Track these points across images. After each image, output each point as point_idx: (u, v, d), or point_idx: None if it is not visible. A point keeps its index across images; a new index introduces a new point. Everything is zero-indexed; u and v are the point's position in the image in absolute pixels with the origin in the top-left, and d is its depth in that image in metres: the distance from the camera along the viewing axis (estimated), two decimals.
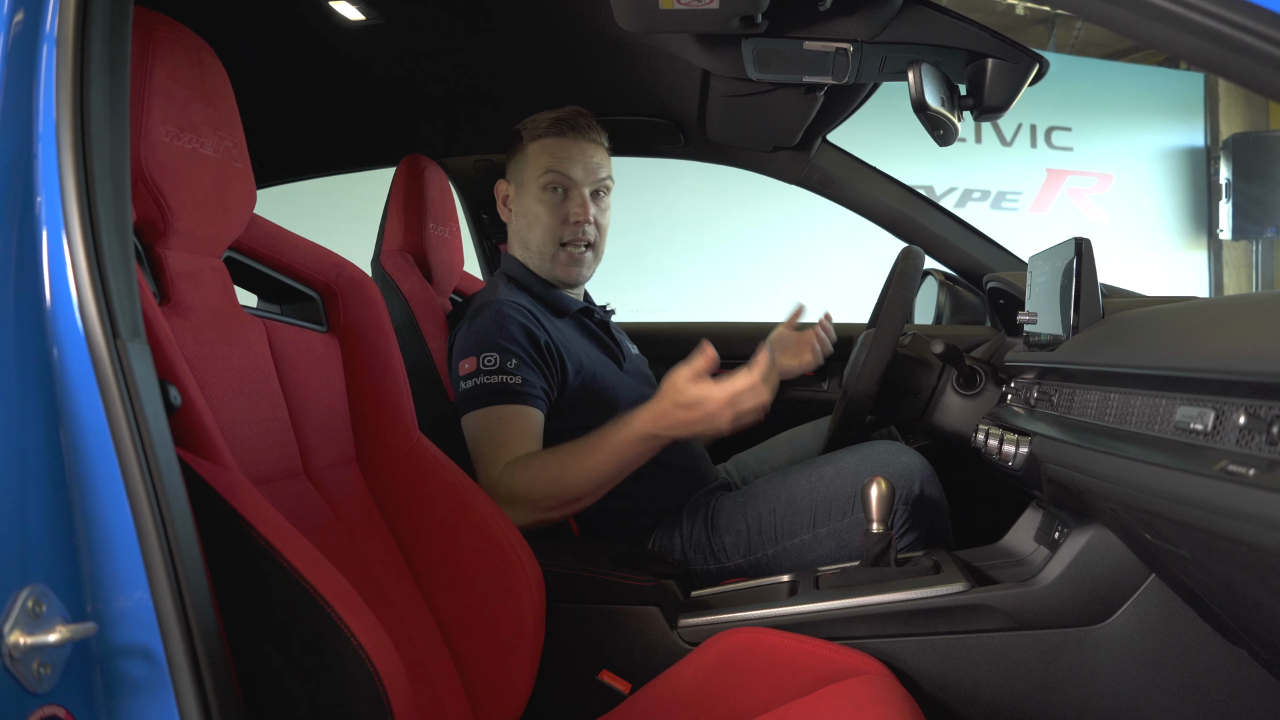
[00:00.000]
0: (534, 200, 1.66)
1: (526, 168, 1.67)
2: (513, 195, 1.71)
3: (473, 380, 1.48)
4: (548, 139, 1.66)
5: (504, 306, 1.55)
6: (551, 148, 1.65)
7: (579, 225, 1.66)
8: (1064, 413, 1.14)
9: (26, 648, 0.62)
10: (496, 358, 1.48)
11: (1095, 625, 1.17)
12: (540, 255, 1.67)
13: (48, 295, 0.70)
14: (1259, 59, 0.63)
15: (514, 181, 1.70)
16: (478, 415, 1.47)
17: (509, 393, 1.47)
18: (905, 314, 1.54)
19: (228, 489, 0.80)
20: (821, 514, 1.47)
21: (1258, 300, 0.84)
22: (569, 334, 1.63)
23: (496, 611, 1.17)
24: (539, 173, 1.65)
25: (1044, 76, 1.39)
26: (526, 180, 1.67)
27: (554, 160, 1.65)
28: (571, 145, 1.66)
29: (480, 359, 1.49)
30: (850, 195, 2.13)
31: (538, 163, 1.65)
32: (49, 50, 0.73)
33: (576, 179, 1.65)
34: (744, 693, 1.16)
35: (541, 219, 1.65)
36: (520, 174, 1.68)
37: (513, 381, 1.48)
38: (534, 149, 1.66)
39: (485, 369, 1.48)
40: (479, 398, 1.47)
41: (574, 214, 1.65)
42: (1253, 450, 0.69)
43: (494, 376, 1.47)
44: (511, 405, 1.47)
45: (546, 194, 1.65)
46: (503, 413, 1.46)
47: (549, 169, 1.64)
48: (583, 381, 1.57)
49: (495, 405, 1.46)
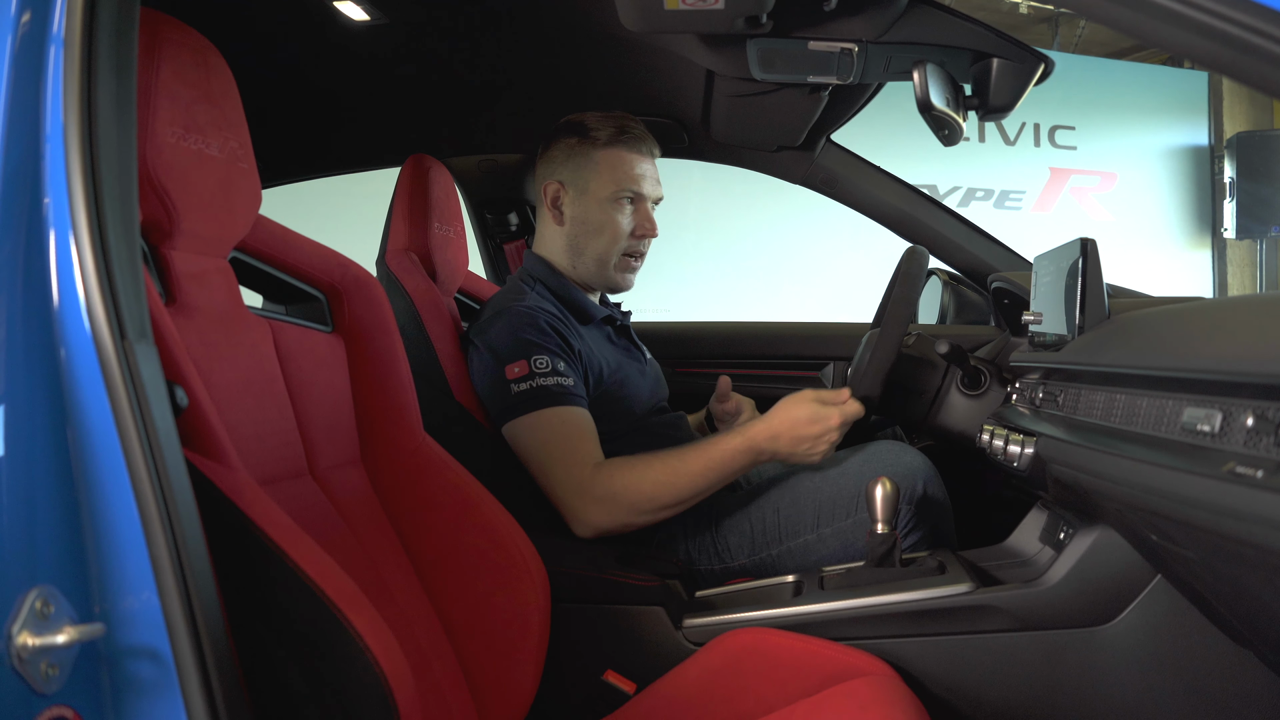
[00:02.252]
0: (600, 209, 1.65)
1: (595, 176, 1.65)
2: (569, 199, 1.67)
3: (528, 383, 1.48)
4: (619, 150, 1.65)
5: (538, 312, 1.55)
6: (625, 160, 1.65)
7: (644, 238, 1.68)
8: (1069, 413, 1.14)
9: (34, 649, 0.62)
10: (548, 360, 1.49)
11: (1101, 626, 1.16)
12: (598, 262, 1.67)
13: (55, 296, 0.70)
14: (1265, 59, 0.63)
15: (572, 186, 1.67)
16: (538, 417, 1.47)
17: (568, 395, 1.48)
18: (910, 314, 1.53)
19: (234, 490, 0.80)
20: (826, 514, 1.47)
21: (1264, 301, 0.83)
22: (593, 340, 1.64)
23: (501, 611, 1.17)
24: (611, 184, 1.64)
25: (1049, 76, 1.39)
26: (594, 188, 1.65)
27: (628, 176, 1.65)
28: (641, 161, 1.67)
29: (532, 361, 1.49)
30: (854, 195, 2.12)
31: (610, 174, 1.64)
32: (56, 51, 0.73)
33: (646, 193, 1.67)
34: (749, 693, 1.16)
35: (608, 229, 1.65)
36: (584, 180, 1.65)
37: (567, 384, 1.49)
38: (604, 158, 1.64)
39: (539, 371, 1.48)
40: (537, 400, 1.47)
41: (642, 227, 1.67)
42: (1260, 452, 0.69)
43: (549, 379, 1.48)
44: (573, 407, 1.48)
45: (616, 205, 1.65)
46: (567, 414, 1.47)
47: (624, 184, 1.64)
48: (605, 388, 1.58)
49: (558, 407, 1.47)
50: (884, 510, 1.27)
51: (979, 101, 1.42)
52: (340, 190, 2.73)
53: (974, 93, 1.43)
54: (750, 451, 1.43)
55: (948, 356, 1.56)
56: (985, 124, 6.10)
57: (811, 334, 2.33)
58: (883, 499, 1.27)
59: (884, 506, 1.27)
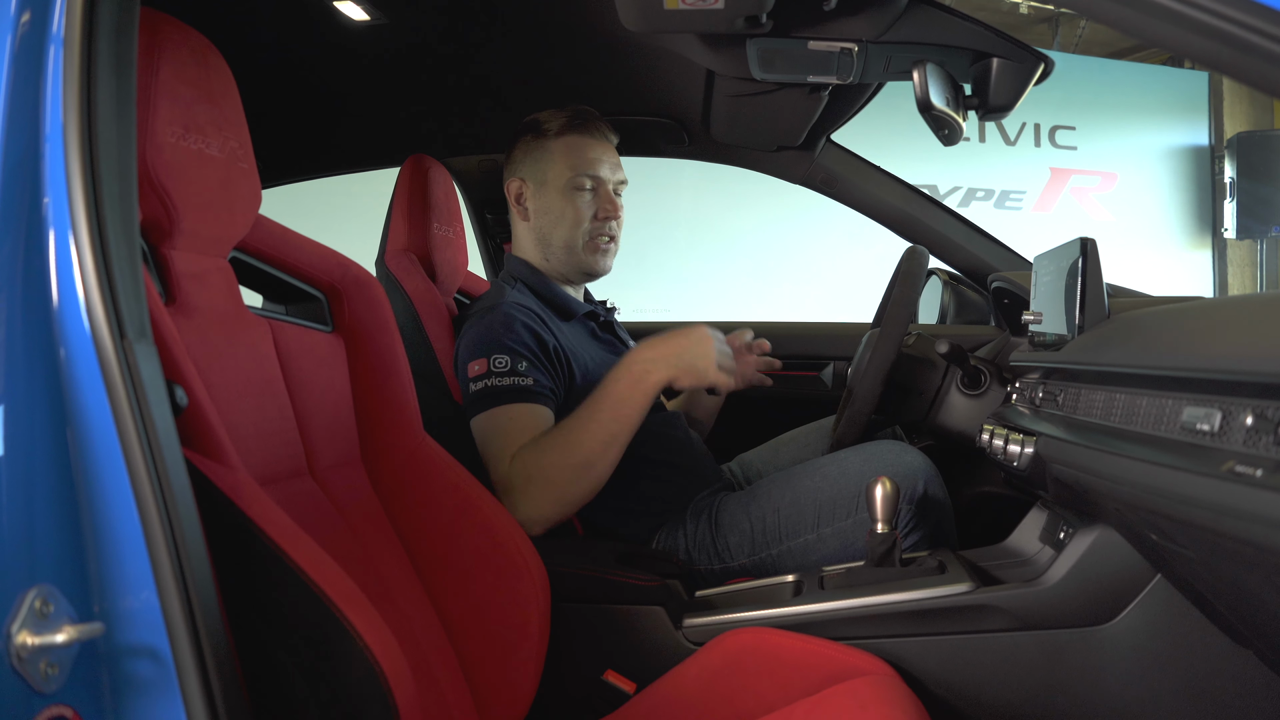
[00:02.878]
0: (560, 197, 1.66)
1: (551, 165, 1.67)
2: (530, 193, 1.70)
3: (483, 381, 1.48)
4: (572, 136, 1.67)
5: (511, 309, 1.55)
6: (578, 145, 1.67)
7: (608, 220, 1.69)
8: (1069, 413, 1.14)
9: (34, 648, 0.62)
10: (507, 360, 1.49)
11: (1101, 626, 1.16)
12: (566, 250, 1.68)
13: (55, 296, 0.70)
14: (1266, 59, 0.63)
15: (532, 179, 1.69)
16: (488, 416, 1.47)
17: (520, 392, 1.48)
18: (910, 314, 1.53)
19: (234, 489, 0.80)
20: (826, 514, 1.46)
21: (1264, 300, 0.83)
22: (574, 336, 1.64)
23: (501, 611, 1.17)
24: (568, 170, 1.66)
25: (1049, 76, 1.39)
26: (551, 177, 1.67)
27: (583, 159, 1.66)
28: (596, 144, 1.68)
29: (491, 360, 1.49)
30: (854, 195, 2.12)
31: (565, 161, 1.66)
32: (56, 51, 0.73)
33: (604, 176, 1.68)
34: (749, 693, 1.16)
35: (569, 216, 1.66)
36: (542, 171, 1.68)
37: (524, 382, 1.48)
38: (558, 146, 1.67)
39: (496, 370, 1.48)
40: (489, 398, 1.47)
41: (604, 210, 1.68)
42: (1260, 451, 0.69)
43: (505, 378, 1.47)
44: (523, 404, 1.47)
45: (576, 191, 1.66)
46: (513, 411, 1.47)
47: (579, 168, 1.66)
48: (588, 384, 1.57)
49: (506, 405, 1.47)
50: (884, 510, 1.27)
51: (979, 101, 1.42)
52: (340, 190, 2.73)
53: (974, 92, 1.43)
54: (636, 379, 1.43)
55: (948, 356, 1.56)
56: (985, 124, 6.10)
57: (811, 334, 2.33)
58: (883, 499, 1.27)
59: (884, 506, 1.27)
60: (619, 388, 1.44)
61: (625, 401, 1.43)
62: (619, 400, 1.43)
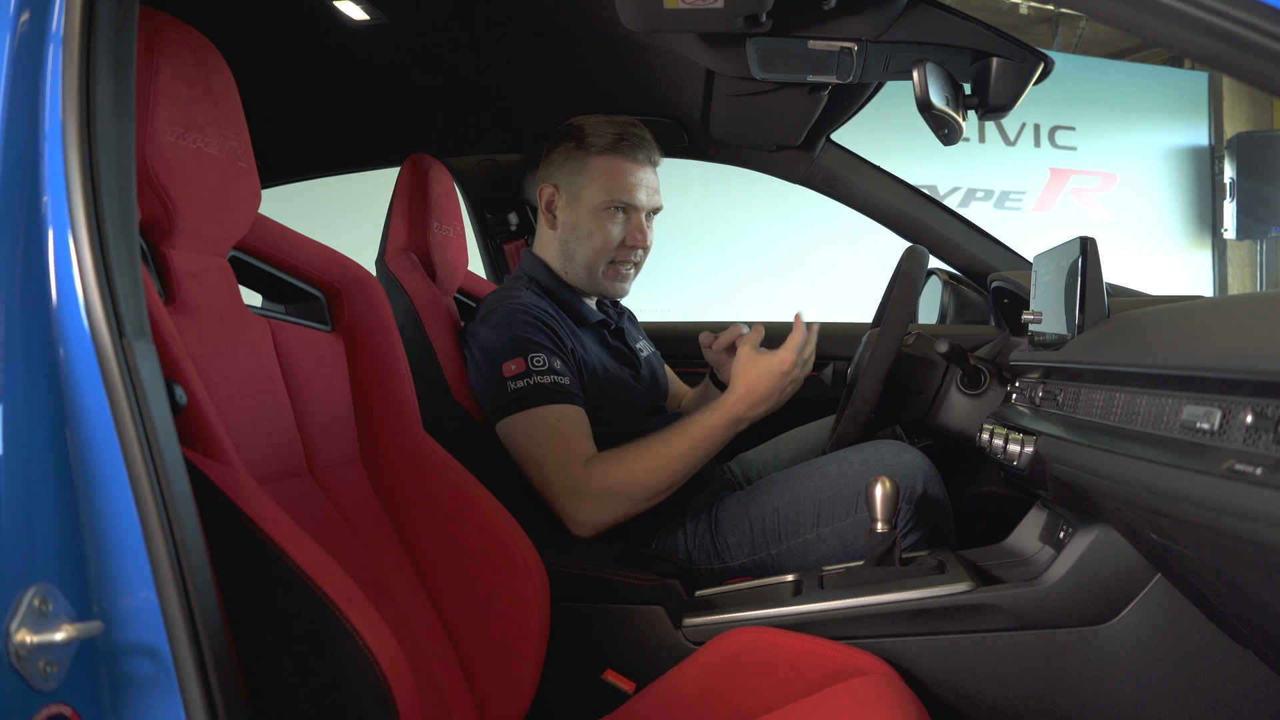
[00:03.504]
0: (591, 217, 1.64)
1: (587, 183, 1.64)
2: (563, 203, 1.67)
3: (525, 380, 1.48)
4: (613, 158, 1.63)
5: (534, 310, 1.55)
6: (618, 169, 1.63)
7: (634, 249, 1.67)
8: (1069, 412, 1.14)
9: (33, 646, 0.62)
10: (544, 358, 1.50)
11: (1101, 625, 1.16)
12: (587, 269, 1.67)
13: (54, 294, 0.70)
14: (1267, 57, 0.63)
15: (566, 191, 1.66)
16: (535, 414, 1.47)
17: (564, 393, 1.49)
18: (909, 313, 1.53)
19: (233, 488, 0.80)
20: (825, 513, 1.46)
21: (1263, 299, 0.83)
22: (587, 343, 1.64)
23: (501, 611, 1.17)
24: (602, 193, 1.63)
25: (1049, 75, 1.39)
26: (585, 195, 1.64)
27: (620, 186, 1.63)
28: (637, 170, 1.65)
29: (529, 359, 1.49)
30: (854, 194, 2.12)
31: (602, 182, 1.63)
32: (55, 50, 0.73)
33: (639, 205, 1.65)
34: (749, 692, 1.16)
35: (597, 238, 1.64)
36: (577, 186, 1.65)
37: (564, 382, 1.49)
38: (598, 165, 1.63)
39: (536, 369, 1.48)
40: (533, 397, 1.48)
41: (633, 238, 1.66)
42: (1259, 449, 0.69)
43: (546, 376, 1.48)
44: (569, 405, 1.49)
45: (607, 214, 1.64)
46: (563, 412, 1.48)
47: (615, 193, 1.63)
48: (598, 391, 1.58)
49: (554, 404, 1.47)
50: (884, 510, 1.27)
51: (979, 101, 1.42)
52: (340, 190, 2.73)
53: (974, 92, 1.43)
54: (731, 423, 1.49)
55: (948, 356, 1.56)
56: (985, 124, 6.10)
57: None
58: (882, 498, 1.27)
59: (884, 506, 1.27)
60: (715, 429, 1.48)
61: (716, 442, 1.49)
62: (711, 440, 1.49)
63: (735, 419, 1.48)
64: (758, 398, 1.48)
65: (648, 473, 1.45)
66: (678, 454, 1.46)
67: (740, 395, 1.48)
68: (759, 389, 1.47)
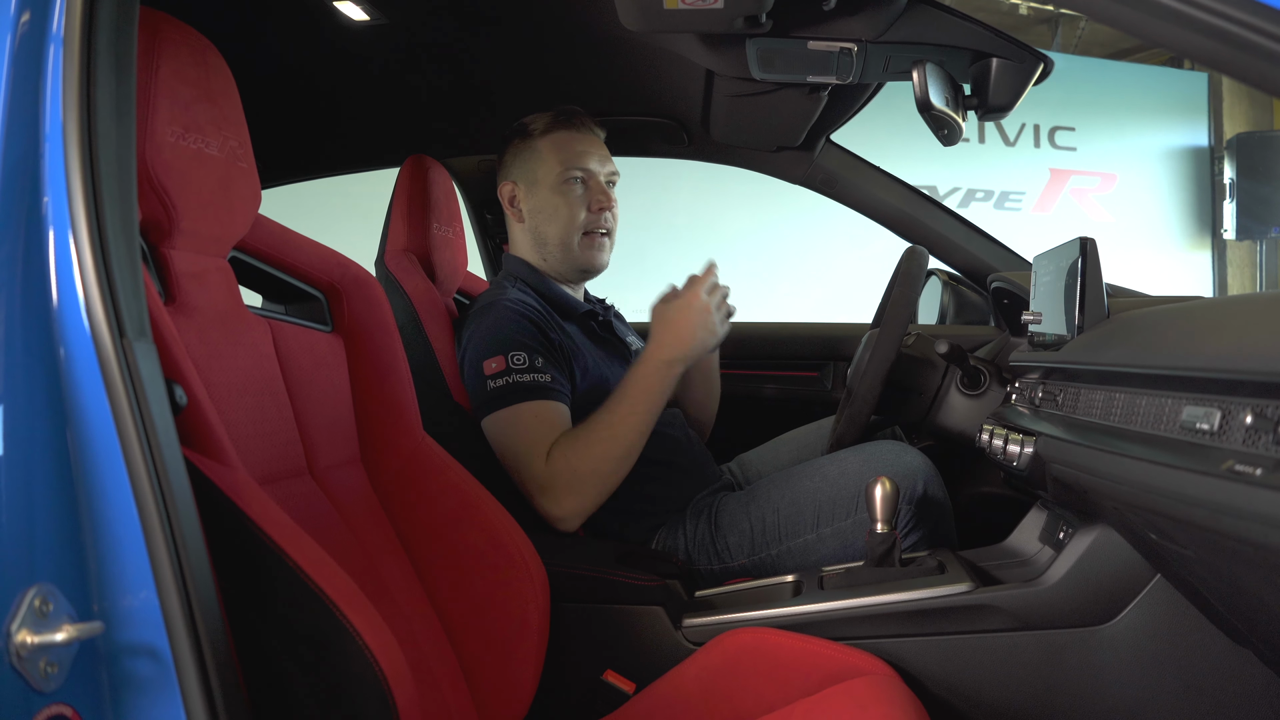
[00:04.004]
0: (552, 194, 1.67)
1: (540, 164, 1.68)
2: (522, 194, 1.71)
3: (504, 378, 1.49)
4: (559, 133, 1.68)
5: (518, 306, 1.56)
6: (565, 141, 1.68)
7: (602, 212, 1.69)
8: (1069, 412, 1.14)
9: (33, 647, 0.62)
10: (525, 356, 1.50)
11: (1100, 625, 1.16)
12: (562, 247, 1.69)
13: (54, 295, 0.70)
14: (1266, 57, 0.63)
15: (523, 181, 1.71)
16: (511, 412, 1.48)
17: (542, 389, 1.49)
18: (909, 314, 1.54)
19: (233, 488, 0.80)
20: (825, 514, 1.46)
21: (1263, 300, 0.83)
22: (576, 336, 1.64)
23: (501, 611, 1.17)
24: (557, 166, 1.67)
25: (1048, 76, 1.39)
26: (541, 176, 1.68)
27: (571, 154, 1.67)
28: (583, 139, 1.69)
29: (509, 357, 1.50)
30: (854, 195, 2.12)
31: (554, 158, 1.67)
32: (55, 50, 0.73)
33: (594, 169, 1.69)
34: (748, 693, 1.16)
35: (563, 211, 1.67)
36: (531, 171, 1.69)
37: (543, 379, 1.50)
38: (545, 145, 1.68)
39: (515, 367, 1.49)
40: (511, 395, 1.48)
41: (597, 201, 1.68)
42: (1259, 450, 0.69)
43: (525, 374, 1.49)
44: (546, 401, 1.49)
45: (567, 186, 1.67)
46: (538, 409, 1.48)
47: (568, 163, 1.67)
48: (590, 384, 1.58)
49: (530, 402, 1.48)
50: (884, 510, 1.27)
51: (978, 101, 1.42)
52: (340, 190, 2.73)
53: (973, 92, 1.43)
54: (660, 368, 1.50)
55: (947, 356, 1.56)
56: (985, 125, 6.10)
57: (811, 334, 2.33)
58: (882, 499, 1.27)
59: (884, 506, 1.27)
60: (648, 380, 1.50)
61: (655, 392, 1.50)
62: (649, 392, 1.49)
63: (662, 362, 1.50)
64: (675, 337, 1.50)
65: (604, 445, 1.46)
66: (622, 418, 1.47)
67: (658, 339, 1.51)
68: (672, 328, 1.51)
